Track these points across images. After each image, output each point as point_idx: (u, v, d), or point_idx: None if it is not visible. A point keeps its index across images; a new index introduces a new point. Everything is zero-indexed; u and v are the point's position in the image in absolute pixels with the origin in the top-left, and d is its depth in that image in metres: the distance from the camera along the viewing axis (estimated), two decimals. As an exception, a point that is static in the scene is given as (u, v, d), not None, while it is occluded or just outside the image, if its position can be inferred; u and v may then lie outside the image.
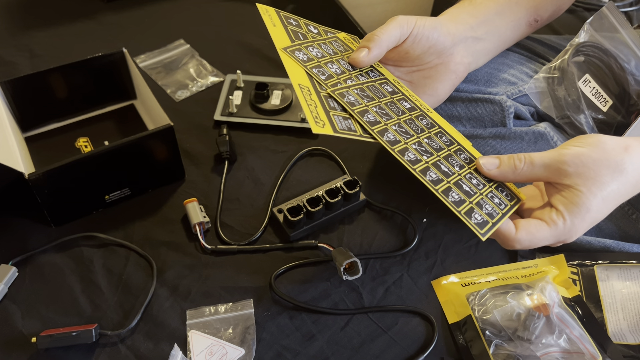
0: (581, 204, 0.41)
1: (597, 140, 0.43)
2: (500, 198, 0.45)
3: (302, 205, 0.59)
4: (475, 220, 0.41)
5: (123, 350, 0.51)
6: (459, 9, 0.57)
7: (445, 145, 0.47)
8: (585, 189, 0.41)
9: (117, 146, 0.57)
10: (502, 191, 0.46)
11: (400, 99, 0.50)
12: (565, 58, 0.60)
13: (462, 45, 0.55)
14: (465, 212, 0.42)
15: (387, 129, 0.44)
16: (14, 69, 0.80)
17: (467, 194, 0.43)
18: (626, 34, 0.61)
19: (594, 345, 0.49)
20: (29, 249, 0.58)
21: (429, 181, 0.42)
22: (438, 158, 0.45)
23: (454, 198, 0.42)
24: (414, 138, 0.46)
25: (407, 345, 0.52)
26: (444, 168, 0.44)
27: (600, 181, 0.41)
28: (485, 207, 0.43)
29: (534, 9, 0.60)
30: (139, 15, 0.91)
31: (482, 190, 0.44)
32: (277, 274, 0.57)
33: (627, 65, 0.61)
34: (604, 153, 0.42)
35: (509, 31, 0.59)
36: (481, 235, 0.41)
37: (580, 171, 0.41)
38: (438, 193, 0.42)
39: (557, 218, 0.42)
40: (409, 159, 0.43)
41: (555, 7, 0.62)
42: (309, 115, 0.40)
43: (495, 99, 0.59)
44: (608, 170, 0.42)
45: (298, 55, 0.47)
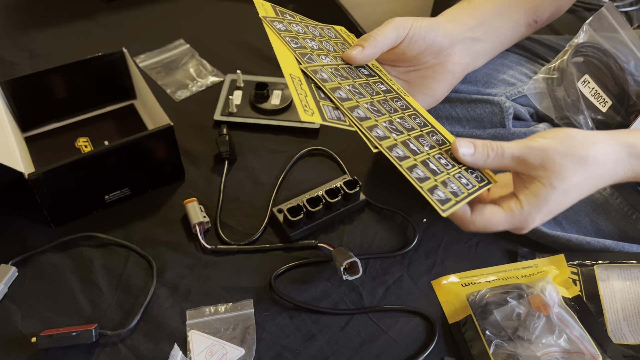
0: (540, 195, 0.42)
1: (566, 133, 0.44)
2: (469, 179, 0.45)
3: (302, 205, 0.59)
4: (438, 197, 0.41)
5: (123, 350, 0.51)
6: (457, 9, 0.57)
7: (418, 126, 0.48)
8: (546, 182, 0.42)
9: (117, 146, 0.57)
10: (472, 173, 0.45)
11: (377, 82, 0.50)
12: (565, 59, 0.60)
13: (460, 46, 0.55)
14: (429, 188, 0.41)
15: (358, 106, 0.45)
16: (14, 69, 0.80)
17: (433, 172, 0.43)
18: (625, 34, 0.62)
19: (594, 345, 0.49)
20: (29, 249, 0.58)
21: (394, 157, 0.42)
22: (408, 137, 0.45)
23: (418, 175, 0.42)
24: (386, 117, 0.46)
25: (407, 345, 0.52)
26: (412, 146, 0.45)
27: (562, 174, 0.42)
28: (450, 186, 0.43)
29: (534, 10, 0.60)
30: (139, 15, 0.91)
31: (450, 170, 0.44)
32: (277, 274, 0.57)
33: (626, 65, 0.61)
34: (570, 147, 0.43)
35: (508, 32, 0.59)
36: (442, 211, 0.41)
37: (545, 164, 0.42)
38: (402, 169, 0.42)
39: (514, 206, 0.43)
40: (376, 135, 0.43)
41: (554, 8, 0.62)
42: (298, 104, 0.41)
43: (495, 100, 0.59)
44: (572, 163, 0.42)
45: (284, 36, 0.48)
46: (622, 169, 0.45)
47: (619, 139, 0.45)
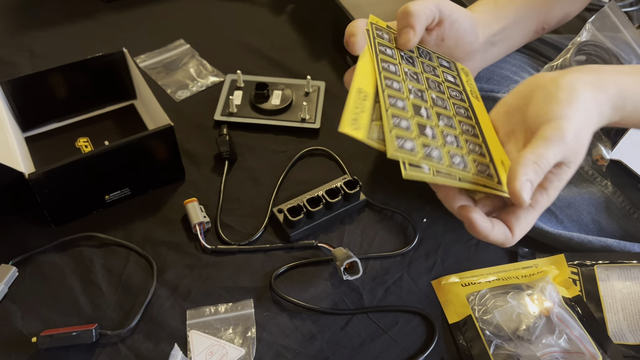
0: (565, 178, 0.39)
1: (574, 92, 0.40)
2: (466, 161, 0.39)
3: (302, 205, 0.59)
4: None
5: (123, 350, 0.51)
6: (485, 9, 0.55)
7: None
8: (573, 165, 0.39)
9: (117, 146, 0.57)
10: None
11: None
12: (567, 57, 0.60)
13: (480, 52, 0.54)
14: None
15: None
16: (14, 69, 0.80)
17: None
18: (628, 33, 0.61)
19: (594, 345, 0.49)
20: (29, 249, 0.58)
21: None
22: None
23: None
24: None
25: (407, 346, 0.52)
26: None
27: (582, 151, 0.39)
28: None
29: (544, 16, 0.59)
30: (139, 15, 0.91)
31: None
32: (277, 274, 0.57)
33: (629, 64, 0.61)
34: (588, 112, 0.40)
35: (518, 37, 0.59)
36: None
37: (578, 142, 0.39)
38: None
39: (542, 199, 0.39)
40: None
41: (563, 15, 0.61)
42: (348, 114, 0.36)
43: (497, 97, 0.59)
44: (586, 136, 0.40)
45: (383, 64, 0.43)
46: (604, 120, 0.42)
47: (597, 93, 0.41)
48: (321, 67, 0.82)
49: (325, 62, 0.83)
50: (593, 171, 0.58)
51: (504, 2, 0.56)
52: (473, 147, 0.41)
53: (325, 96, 0.76)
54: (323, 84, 0.77)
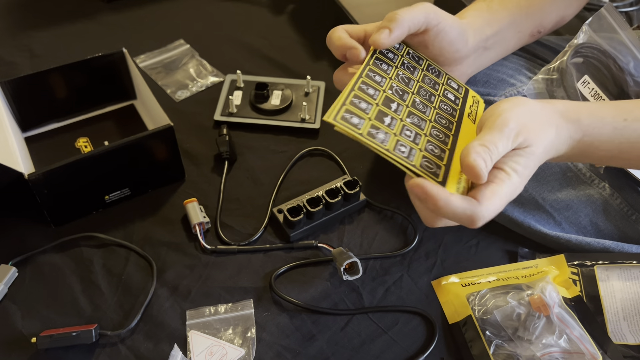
0: (528, 163, 0.41)
1: (520, 100, 0.43)
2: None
3: (302, 205, 0.59)
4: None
5: (123, 350, 0.51)
6: (476, 13, 0.55)
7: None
8: (534, 148, 0.41)
9: (117, 146, 0.57)
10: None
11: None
12: (564, 59, 0.60)
13: (472, 56, 0.54)
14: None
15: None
16: (14, 69, 0.80)
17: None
18: (625, 34, 0.62)
19: (594, 346, 0.49)
20: (29, 249, 0.58)
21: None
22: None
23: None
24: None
25: (407, 346, 0.52)
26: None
27: (542, 138, 0.41)
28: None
29: (540, 20, 0.59)
30: (139, 15, 0.90)
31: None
32: (277, 274, 0.57)
33: (626, 66, 0.61)
34: (536, 112, 0.42)
35: (513, 41, 0.59)
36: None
37: (528, 133, 0.41)
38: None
39: (506, 177, 0.40)
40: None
41: (559, 18, 0.62)
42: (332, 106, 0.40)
43: (494, 100, 0.59)
44: (544, 127, 0.42)
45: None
46: (562, 134, 0.43)
47: (554, 105, 0.44)
48: (321, 67, 0.82)
49: (325, 62, 0.83)
50: (591, 173, 0.58)
51: (497, 6, 0.56)
52: (432, 149, 0.42)
53: (325, 96, 0.76)
54: (323, 84, 0.77)
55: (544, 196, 0.58)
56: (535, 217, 0.58)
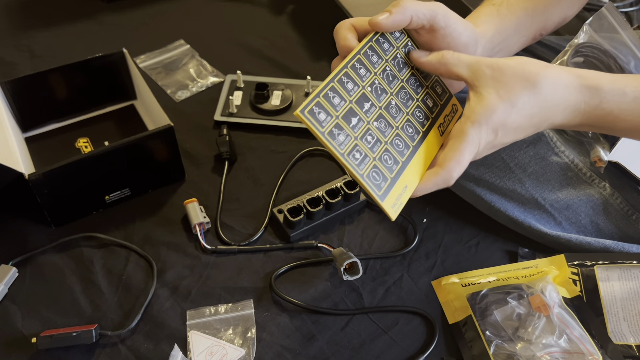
0: (487, 105, 0.42)
1: (523, 58, 0.44)
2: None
3: (302, 205, 0.59)
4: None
5: (123, 350, 0.51)
6: (489, 20, 0.54)
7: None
8: (493, 91, 0.42)
9: (117, 146, 0.57)
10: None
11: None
12: (565, 59, 0.60)
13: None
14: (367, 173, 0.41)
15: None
16: (14, 69, 0.80)
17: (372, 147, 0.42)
18: (625, 34, 0.62)
19: (594, 346, 0.49)
20: (29, 249, 0.58)
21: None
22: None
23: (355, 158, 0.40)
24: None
25: (407, 346, 0.52)
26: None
27: (509, 87, 0.42)
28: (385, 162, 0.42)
29: (544, 22, 0.59)
30: (139, 16, 0.91)
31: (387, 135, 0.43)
32: (277, 275, 0.57)
33: (627, 66, 0.61)
34: (522, 70, 0.42)
35: (516, 45, 0.59)
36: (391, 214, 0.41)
37: (495, 75, 0.42)
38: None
39: (466, 127, 0.42)
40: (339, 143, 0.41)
41: (561, 18, 0.61)
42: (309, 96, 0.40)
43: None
44: (521, 84, 0.42)
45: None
46: (573, 96, 0.43)
47: (572, 70, 0.44)
48: (321, 67, 0.82)
49: (325, 62, 0.83)
50: (591, 173, 0.58)
51: (506, 10, 0.55)
52: (386, 159, 0.43)
53: (325, 97, 0.76)
54: (323, 85, 0.77)
55: (544, 196, 0.58)
56: (536, 216, 0.58)
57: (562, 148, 0.59)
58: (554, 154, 0.58)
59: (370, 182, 0.41)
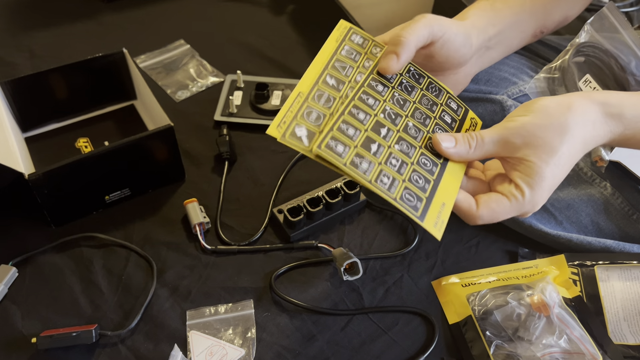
0: (536, 174, 0.41)
1: (540, 105, 0.43)
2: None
3: (302, 205, 0.59)
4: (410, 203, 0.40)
5: (123, 350, 0.51)
6: (480, 12, 0.54)
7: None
8: (536, 159, 0.41)
9: (117, 146, 0.57)
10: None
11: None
12: (566, 58, 0.60)
13: (475, 57, 0.54)
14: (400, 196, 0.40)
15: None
16: (14, 69, 0.80)
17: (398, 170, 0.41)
18: (627, 34, 0.61)
19: (594, 346, 0.49)
20: (29, 249, 0.58)
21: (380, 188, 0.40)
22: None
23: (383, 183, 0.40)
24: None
25: (407, 346, 0.52)
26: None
27: (550, 147, 0.41)
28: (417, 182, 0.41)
29: (543, 20, 0.59)
30: (139, 16, 0.90)
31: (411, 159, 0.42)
32: (277, 275, 0.57)
33: (628, 65, 0.61)
34: (548, 117, 0.42)
35: (516, 41, 0.59)
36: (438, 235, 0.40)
37: (529, 141, 0.41)
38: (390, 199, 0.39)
39: (516, 192, 0.42)
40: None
41: (562, 18, 0.61)
42: (278, 117, 0.40)
43: (496, 99, 0.59)
44: (555, 134, 0.41)
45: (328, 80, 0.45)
46: (600, 130, 0.43)
47: (594, 98, 0.44)
48: (321, 68, 0.82)
49: (325, 63, 0.83)
50: (592, 172, 0.58)
51: (501, 5, 0.56)
52: (417, 179, 0.42)
53: (325, 96, 0.76)
54: (323, 85, 0.77)
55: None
56: (537, 216, 0.58)
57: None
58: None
59: (406, 204, 0.40)
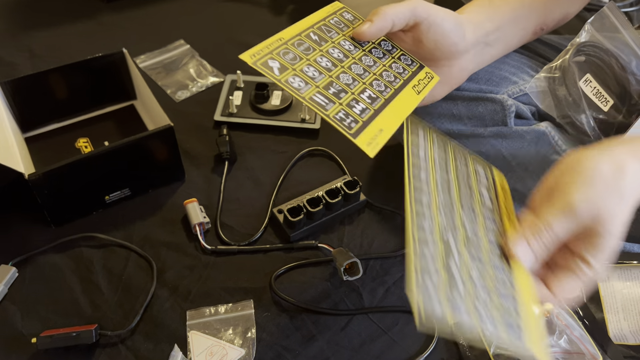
0: (605, 246, 0.40)
1: (593, 172, 0.41)
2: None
3: (302, 205, 0.59)
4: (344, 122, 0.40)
5: (123, 350, 0.51)
6: (478, 8, 0.55)
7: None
8: (604, 231, 0.40)
9: (117, 146, 0.57)
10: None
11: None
12: (566, 58, 0.60)
13: (472, 52, 0.54)
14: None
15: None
16: (14, 69, 0.80)
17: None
18: (627, 34, 0.61)
19: (594, 346, 0.49)
20: (29, 249, 0.58)
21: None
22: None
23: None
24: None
25: (407, 346, 0.52)
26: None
27: (614, 216, 0.40)
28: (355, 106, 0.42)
29: (543, 17, 0.59)
30: (139, 16, 0.91)
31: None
32: (277, 275, 0.57)
33: (628, 65, 0.61)
34: (607, 186, 0.40)
35: (516, 39, 0.59)
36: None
37: (596, 216, 0.39)
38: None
39: (587, 269, 0.40)
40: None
41: (562, 15, 0.61)
42: (255, 48, 0.42)
43: (497, 98, 0.59)
44: (615, 202, 0.40)
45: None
46: None
47: (635, 153, 0.42)
48: (321, 67, 0.82)
49: (325, 62, 0.83)
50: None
51: (500, 1, 0.56)
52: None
53: (326, 96, 0.76)
54: (323, 84, 0.77)
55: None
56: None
57: (563, 147, 0.58)
58: (556, 153, 0.58)
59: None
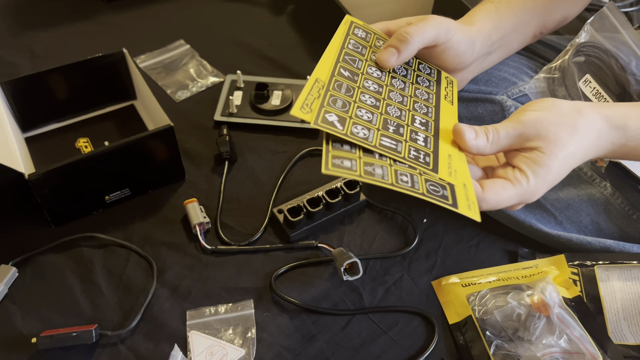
0: (544, 164, 0.42)
1: (553, 103, 0.44)
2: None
3: (302, 205, 0.59)
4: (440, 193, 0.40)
5: (123, 350, 0.51)
6: (486, 17, 0.54)
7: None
8: (547, 151, 0.42)
9: (117, 146, 0.57)
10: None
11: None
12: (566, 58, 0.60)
13: (476, 63, 0.54)
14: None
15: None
16: (14, 69, 0.80)
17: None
18: (627, 34, 0.61)
19: (594, 346, 0.49)
20: (29, 249, 0.58)
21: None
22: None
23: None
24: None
25: (407, 346, 0.52)
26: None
27: (561, 143, 0.42)
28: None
29: (543, 20, 0.59)
30: (139, 16, 0.91)
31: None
32: (277, 275, 0.57)
33: (628, 65, 0.61)
34: (561, 116, 0.43)
35: (516, 44, 0.59)
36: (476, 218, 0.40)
37: (542, 134, 0.42)
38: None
39: (521, 177, 0.42)
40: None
41: (562, 17, 0.61)
42: (300, 100, 0.40)
43: (496, 99, 0.59)
44: (566, 132, 0.42)
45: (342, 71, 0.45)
46: (603, 140, 0.44)
47: (599, 109, 0.45)
48: (321, 68, 0.82)
49: (325, 63, 0.83)
50: (592, 172, 0.58)
51: (504, 8, 0.56)
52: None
53: (325, 96, 0.76)
54: (323, 85, 0.77)
55: (545, 195, 0.57)
56: (537, 216, 0.58)
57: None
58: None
59: (434, 195, 0.40)
